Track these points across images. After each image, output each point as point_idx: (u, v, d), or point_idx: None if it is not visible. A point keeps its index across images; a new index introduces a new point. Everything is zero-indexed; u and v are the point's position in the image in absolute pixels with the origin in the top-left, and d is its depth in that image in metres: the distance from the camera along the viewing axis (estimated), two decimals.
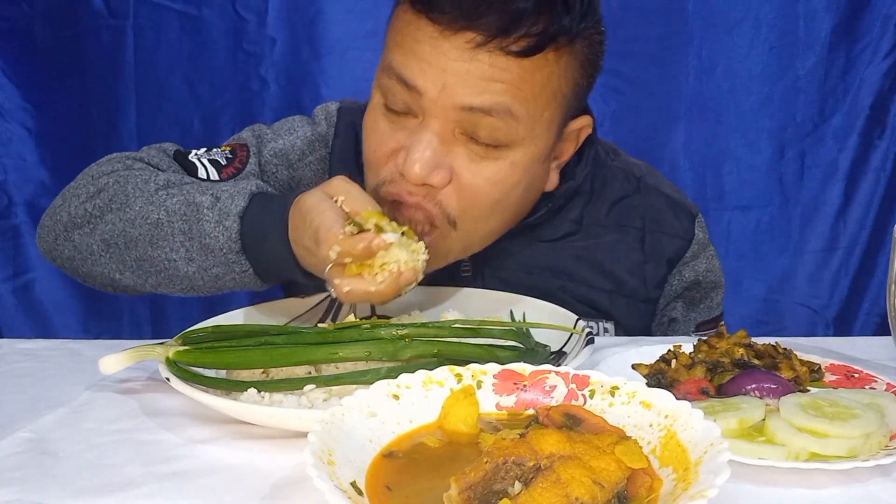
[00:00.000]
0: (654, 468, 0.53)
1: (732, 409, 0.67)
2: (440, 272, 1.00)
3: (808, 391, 0.75)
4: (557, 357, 0.82)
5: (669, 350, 0.83)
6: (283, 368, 0.75)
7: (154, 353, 0.75)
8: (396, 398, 0.61)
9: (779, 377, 0.74)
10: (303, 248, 0.82)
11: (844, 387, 0.78)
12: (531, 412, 0.62)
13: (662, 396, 0.58)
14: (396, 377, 0.62)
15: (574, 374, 0.63)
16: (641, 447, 0.52)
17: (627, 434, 0.55)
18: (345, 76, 1.82)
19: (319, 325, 0.81)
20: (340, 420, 0.56)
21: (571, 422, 0.57)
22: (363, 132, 0.99)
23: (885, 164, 1.91)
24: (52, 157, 1.90)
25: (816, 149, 1.92)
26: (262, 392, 0.72)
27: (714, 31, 1.86)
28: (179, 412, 0.74)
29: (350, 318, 0.80)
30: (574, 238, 1.11)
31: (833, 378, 0.81)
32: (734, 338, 0.83)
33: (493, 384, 0.64)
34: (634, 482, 0.50)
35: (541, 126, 0.93)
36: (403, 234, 0.79)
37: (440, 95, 0.89)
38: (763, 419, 0.66)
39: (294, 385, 0.73)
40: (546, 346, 0.82)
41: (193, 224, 0.88)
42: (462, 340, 0.76)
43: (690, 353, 0.82)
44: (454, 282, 1.05)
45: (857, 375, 0.80)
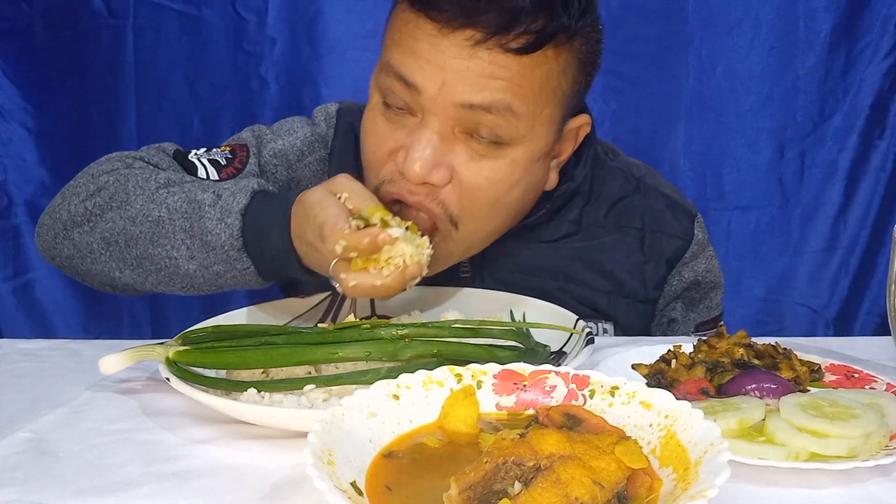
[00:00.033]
0: (654, 468, 0.53)
1: (732, 409, 0.67)
2: (439, 273, 1.00)
3: (808, 391, 0.75)
4: (557, 357, 0.82)
5: (669, 350, 0.83)
6: (283, 368, 0.75)
7: (154, 353, 0.75)
8: (396, 398, 0.61)
9: (779, 377, 0.74)
10: (306, 244, 0.82)
11: (844, 387, 0.78)
12: (531, 412, 0.62)
13: (662, 396, 0.58)
14: (396, 377, 0.62)
15: (574, 374, 0.63)
16: (641, 447, 0.52)
17: (627, 434, 0.55)
18: (345, 76, 1.82)
19: (319, 325, 0.81)
20: (340, 420, 0.56)
21: (571, 422, 0.57)
22: (362, 133, 0.99)
23: (885, 164, 1.91)
24: (52, 157, 1.89)
25: (816, 149, 1.91)
26: (262, 392, 0.72)
27: (714, 31, 1.86)
28: (179, 412, 0.74)
29: (350, 318, 0.80)
30: (573, 239, 1.11)
31: (833, 378, 0.80)
32: (734, 338, 0.83)
33: (493, 384, 0.64)
34: (634, 482, 0.50)
35: (541, 124, 0.93)
36: (408, 229, 0.79)
37: (440, 93, 0.89)
38: (763, 419, 0.66)
39: (294, 385, 0.72)
40: (546, 347, 0.82)
41: (195, 221, 0.88)
42: (462, 340, 0.76)
43: (690, 353, 0.81)
44: (453, 283, 1.04)
45: (857, 375, 0.80)
